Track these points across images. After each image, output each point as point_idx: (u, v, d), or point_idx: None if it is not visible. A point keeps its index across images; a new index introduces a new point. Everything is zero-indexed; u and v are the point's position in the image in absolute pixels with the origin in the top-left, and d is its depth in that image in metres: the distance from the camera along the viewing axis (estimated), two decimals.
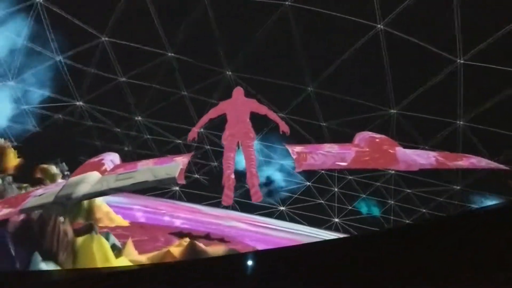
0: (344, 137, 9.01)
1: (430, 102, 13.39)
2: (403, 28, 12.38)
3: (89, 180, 6.72)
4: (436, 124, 13.92)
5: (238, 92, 8.45)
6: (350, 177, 17.56)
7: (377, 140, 7.76)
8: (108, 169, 7.23)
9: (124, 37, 14.47)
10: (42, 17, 14.10)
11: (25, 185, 12.56)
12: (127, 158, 10.55)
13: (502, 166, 7.93)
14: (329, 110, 14.94)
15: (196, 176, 18.26)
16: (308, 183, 18.33)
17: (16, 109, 15.60)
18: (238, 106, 8.26)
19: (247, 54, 14.16)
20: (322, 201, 18.73)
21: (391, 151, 7.38)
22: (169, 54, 14.91)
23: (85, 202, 13.86)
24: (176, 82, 15.68)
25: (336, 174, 17.58)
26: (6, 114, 15.29)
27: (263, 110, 8.35)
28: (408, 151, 7.75)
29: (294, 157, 7.17)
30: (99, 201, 14.27)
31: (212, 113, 8.34)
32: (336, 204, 18.61)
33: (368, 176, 17.09)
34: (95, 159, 7.55)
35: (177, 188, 18.77)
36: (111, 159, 7.63)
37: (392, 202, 17.55)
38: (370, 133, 8.15)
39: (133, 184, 6.55)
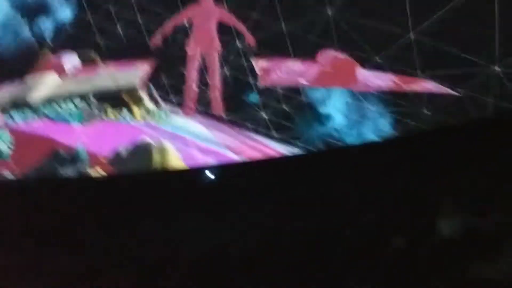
0: None
1: None
2: None
3: (47, 82, 6.52)
4: None
5: None
6: None
7: (340, 59, 7.83)
8: (68, 73, 7.01)
9: None
10: None
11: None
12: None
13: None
14: None
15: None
16: None
17: None
18: (205, 13, 7.93)
19: None
20: None
21: (352, 72, 7.50)
22: None
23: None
24: None
25: None
26: None
27: (231, 20, 8.05)
28: (367, 72, 7.91)
29: (260, 73, 7.16)
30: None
31: (178, 19, 8.00)
32: None
33: None
34: (54, 58, 7.24)
35: None
36: (71, 60, 7.36)
37: None
38: (333, 51, 8.18)
39: (93, 91, 6.41)
